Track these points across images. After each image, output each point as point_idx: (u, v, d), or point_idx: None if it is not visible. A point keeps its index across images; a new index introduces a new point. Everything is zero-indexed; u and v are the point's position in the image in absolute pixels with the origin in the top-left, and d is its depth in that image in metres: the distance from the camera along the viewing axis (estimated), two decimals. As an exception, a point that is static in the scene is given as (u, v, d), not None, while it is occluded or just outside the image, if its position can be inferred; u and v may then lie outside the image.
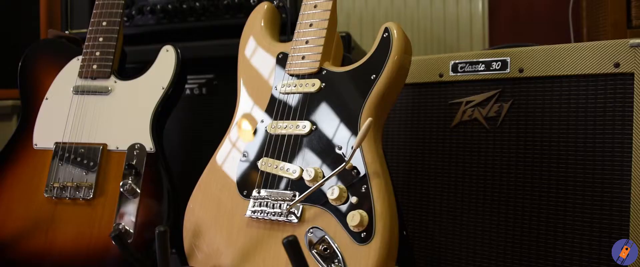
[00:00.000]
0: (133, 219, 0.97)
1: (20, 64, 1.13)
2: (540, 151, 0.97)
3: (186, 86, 1.29)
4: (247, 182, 0.91)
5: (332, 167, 0.84)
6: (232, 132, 0.97)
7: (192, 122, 1.29)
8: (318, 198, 0.83)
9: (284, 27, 1.10)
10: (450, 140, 1.07)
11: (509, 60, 1.01)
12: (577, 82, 0.95)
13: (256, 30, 1.02)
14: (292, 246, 0.72)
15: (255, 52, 1.01)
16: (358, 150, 0.81)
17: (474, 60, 1.04)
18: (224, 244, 0.90)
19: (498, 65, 1.02)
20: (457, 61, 1.06)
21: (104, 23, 1.09)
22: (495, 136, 1.02)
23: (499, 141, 1.02)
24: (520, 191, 0.98)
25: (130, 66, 1.21)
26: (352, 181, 0.82)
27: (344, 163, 0.81)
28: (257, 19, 1.03)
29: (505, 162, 1.00)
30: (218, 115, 1.29)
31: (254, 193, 0.89)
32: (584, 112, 0.93)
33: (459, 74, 1.06)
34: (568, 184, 0.93)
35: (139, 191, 0.98)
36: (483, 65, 1.04)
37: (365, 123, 0.80)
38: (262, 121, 0.94)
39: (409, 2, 1.56)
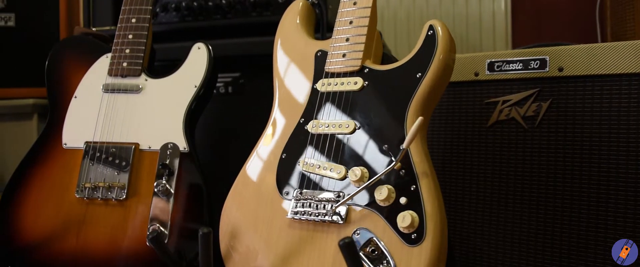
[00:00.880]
0: (167, 220, 0.95)
1: (47, 61, 1.10)
2: (580, 151, 0.96)
3: (212, 85, 1.26)
4: (288, 183, 0.89)
5: (378, 167, 0.82)
6: (270, 132, 0.96)
7: (218, 121, 1.26)
8: (364, 198, 0.81)
9: (318, 24, 1.08)
10: (486, 139, 1.06)
11: (548, 59, 1.00)
12: (619, 81, 0.94)
13: (292, 27, 1.00)
14: (349, 247, 0.71)
15: (292, 51, 0.99)
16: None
17: (512, 59, 1.03)
18: (263, 245, 0.88)
19: (536, 64, 1.01)
20: (493, 60, 1.05)
21: (133, 20, 1.07)
22: (534, 135, 1.01)
23: (537, 141, 1.00)
24: (559, 192, 0.97)
25: (155, 64, 1.18)
26: (400, 181, 0.80)
27: (393, 163, 0.79)
28: (293, 17, 1.01)
29: (543, 162, 0.99)
30: (244, 115, 1.27)
31: (295, 194, 0.87)
32: (627, 111, 0.92)
33: (495, 72, 1.05)
34: (610, 185, 0.92)
35: (172, 192, 0.96)
36: (521, 64, 1.02)
37: (415, 122, 0.78)
38: (302, 120, 0.92)
39: (431, 1, 1.55)
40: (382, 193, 0.79)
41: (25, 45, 1.49)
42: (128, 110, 1.03)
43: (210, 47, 1.06)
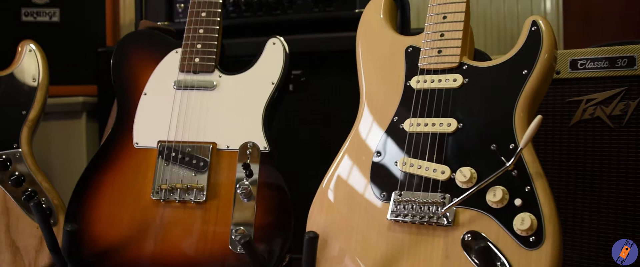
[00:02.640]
0: (252, 223, 0.90)
1: (112, 57, 1.05)
2: (672, 150, 0.94)
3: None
4: (385, 184, 0.85)
5: (486, 167, 0.79)
6: (358, 131, 0.92)
7: (279, 120, 1.22)
8: (473, 200, 0.78)
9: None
10: (568, 140, 1.03)
11: (637, 56, 0.97)
12: None
13: (377, 23, 0.97)
14: (486, 252, 0.67)
15: (379, 47, 0.95)
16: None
17: (597, 56, 1.00)
18: (360, 249, 0.84)
19: (624, 62, 0.99)
20: (576, 58, 1.03)
21: (203, 14, 1.03)
22: (621, 135, 0.98)
23: (624, 141, 0.98)
24: (648, 193, 0.95)
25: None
26: (513, 182, 0.77)
27: (509, 163, 0.76)
28: (376, 12, 0.97)
29: (631, 163, 0.97)
30: (306, 113, 1.24)
31: (394, 195, 0.84)
32: None
33: (578, 71, 1.03)
34: None
35: (254, 193, 0.92)
36: (607, 61, 1.00)
37: (534, 120, 0.75)
38: (396, 119, 0.88)
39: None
40: (497, 195, 0.76)
41: (71, 41, 1.43)
42: (203, 108, 0.98)
43: (285, 42, 1.02)
